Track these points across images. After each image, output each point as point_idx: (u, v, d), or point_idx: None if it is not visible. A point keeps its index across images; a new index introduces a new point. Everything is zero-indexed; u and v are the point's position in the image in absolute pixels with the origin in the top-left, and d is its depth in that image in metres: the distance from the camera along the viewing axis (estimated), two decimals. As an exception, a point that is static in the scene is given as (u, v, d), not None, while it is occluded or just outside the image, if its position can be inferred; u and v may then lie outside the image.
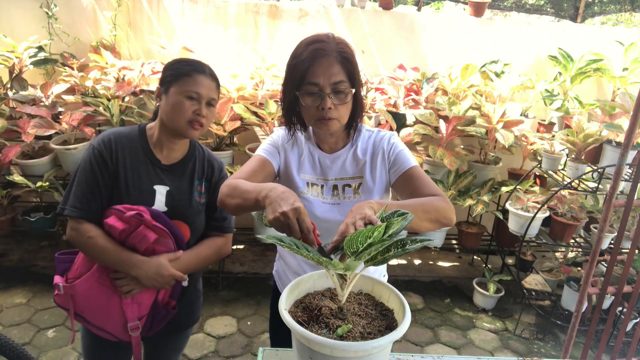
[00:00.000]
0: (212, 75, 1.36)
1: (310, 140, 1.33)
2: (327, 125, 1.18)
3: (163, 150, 1.38)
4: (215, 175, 1.45)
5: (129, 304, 1.30)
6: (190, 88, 1.29)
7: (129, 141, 1.34)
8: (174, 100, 1.29)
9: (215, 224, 1.47)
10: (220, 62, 3.27)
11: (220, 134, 2.74)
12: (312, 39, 1.17)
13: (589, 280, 1.85)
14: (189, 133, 1.32)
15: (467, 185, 3.08)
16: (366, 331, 0.88)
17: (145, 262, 1.27)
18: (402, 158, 1.27)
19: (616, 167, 1.71)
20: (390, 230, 0.88)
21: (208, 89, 1.32)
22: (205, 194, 1.44)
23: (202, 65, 1.34)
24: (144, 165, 1.34)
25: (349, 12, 3.33)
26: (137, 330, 1.33)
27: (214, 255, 1.46)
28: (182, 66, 1.32)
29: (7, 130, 2.64)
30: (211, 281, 3.17)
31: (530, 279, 2.98)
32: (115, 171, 1.30)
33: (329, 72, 1.13)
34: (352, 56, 1.18)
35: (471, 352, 2.71)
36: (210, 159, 1.47)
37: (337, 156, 1.30)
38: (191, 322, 1.56)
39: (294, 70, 1.17)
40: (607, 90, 3.60)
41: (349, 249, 0.86)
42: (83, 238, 1.27)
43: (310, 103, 1.16)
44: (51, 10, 3.01)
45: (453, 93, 3.21)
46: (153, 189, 1.34)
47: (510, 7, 4.06)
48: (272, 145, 1.33)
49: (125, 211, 1.26)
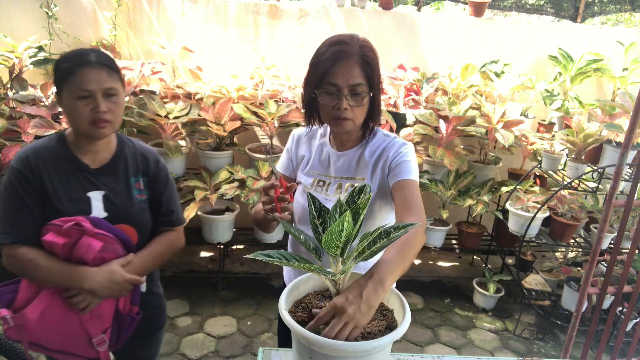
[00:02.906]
0: (101, 63, 1.20)
1: (324, 137, 1.37)
2: (342, 124, 1.20)
3: (87, 154, 1.28)
4: (151, 167, 1.37)
5: (89, 319, 1.23)
6: (78, 87, 1.17)
7: (48, 153, 1.25)
8: (67, 104, 1.19)
9: (163, 219, 1.40)
10: (220, 62, 3.27)
11: (220, 134, 2.74)
12: (336, 39, 1.19)
13: (589, 280, 1.85)
14: (97, 134, 1.22)
15: (467, 185, 3.08)
16: (366, 331, 0.88)
17: (96, 272, 1.19)
18: (404, 168, 1.24)
19: (616, 167, 1.71)
20: (360, 217, 0.88)
21: (98, 80, 1.18)
22: (146, 189, 1.36)
23: (84, 56, 1.19)
24: (71, 174, 1.26)
25: (349, 12, 3.33)
26: (104, 344, 1.26)
27: (168, 250, 1.40)
28: (64, 64, 1.19)
29: (7, 130, 2.64)
30: (211, 281, 3.17)
31: (530, 279, 2.98)
32: (41, 187, 1.21)
33: (348, 74, 1.15)
34: (373, 60, 1.19)
35: (471, 352, 2.70)
36: (143, 152, 1.37)
37: (344, 154, 1.32)
38: (159, 325, 1.52)
39: (315, 68, 1.19)
40: (607, 90, 3.59)
41: (330, 251, 0.86)
42: (22, 263, 1.18)
43: (328, 102, 1.19)
44: (51, 10, 3.01)
45: (453, 93, 3.21)
46: (87, 197, 1.26)
47: (510, 7, 4.05)
48: (287, 156, 1.43)
49: (63, 224, 1.18)
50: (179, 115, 2.74)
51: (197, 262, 3.40)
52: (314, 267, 0.85)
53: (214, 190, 2.75)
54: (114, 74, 1.23)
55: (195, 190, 2.70)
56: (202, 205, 2.75)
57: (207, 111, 2.79)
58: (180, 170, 2.93)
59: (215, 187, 2.78)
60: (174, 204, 1.43)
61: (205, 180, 2.81)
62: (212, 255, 3.49)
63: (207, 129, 2.77)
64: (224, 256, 3.26)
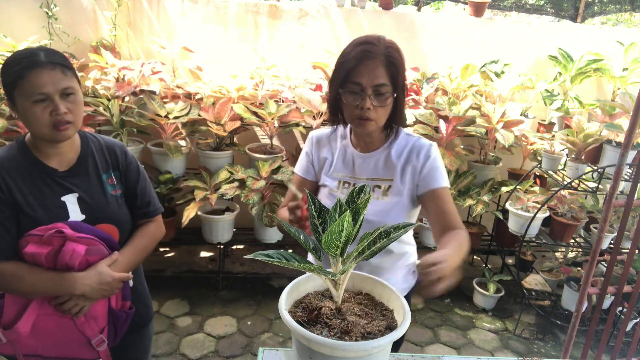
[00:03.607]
0: (53, 62, 1.13)
1: (346, 139, 1.37)
2: (364, 125, 1.20)
3: (52, 158, 1.23)
4: (120, 160, 1.34)
5: (84, 322, 1.22)
6: (31, 91, 1.10)
7: (11, 162, 1.19)
8: (23, 109, 1.13)
9: (140, 211, 1.38)
10: (220, 62, 3.27)
11: (220, 134, 2.74)
12: (363, 40, 1.19)
13: (589, 280, 1.85)
14: (60, 137, 1.16)
15: (467, 185, 3.08)
16: (366, 331, 0.88)
17: (85, 276, 1.18)
18: (435, 175, 1.27)
19: (616, 167, 1.71)
20: (360, 217, 0.89)
21: (53, 81, 1.12)
22: (119, 184, 1.33)
23: (34, 57, 1.12)
24: (40, 181, 1.21)
25: (349, 12, 3.33)
26: (103, 343, 1.26)
27: (151, 242, 1.38)
28: (12, 68, 1.11)
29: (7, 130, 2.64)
30: (211, 281, 3.17)
31: (530, 279, 2.98)
32: (11, 200, 1.16)
33: (373, 73, 1.15)
34: (399, 61, 1.19)
35: (471, 352, 2.71)
36: (110, 146, 1.34)
37: (369, 156, 1.32)
38: (148, 318, 1.52)
39: (341, 68, 1.20)
40: (607, 90, 3.59)
41: (330, 251, 0.86)
42: (4, 279, 1.14)
43: (351, 101, 1.19)
44: (51, 10, 3.01)
45: (453, 93, 3.21)
46: (62, 202, 1.22)
47: (510, 7, 4.06)
48: (306, 159, 1.41)
49: (43, 233, 1.14)
50: (179, 115, 2.74)
51: (197, 262, 3.40)
52: (314, 267, 0.85)
53: (214, 190, 2.75)
54: (68, 71, 1.16)
55: (195, 190, 2.71)
56: (202, 205, 2.75)
57: (207, 111, 2.79)
58: (180, 170, 2.93)
59: (215, 187, 2.78)
60: (149, 195, 1.40)
61: (205, 180, 2.81)
62: (212, 255, 3.49)
63: (207, 129, 2.77)
64: (224, 256, 3.26)
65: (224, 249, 3.20)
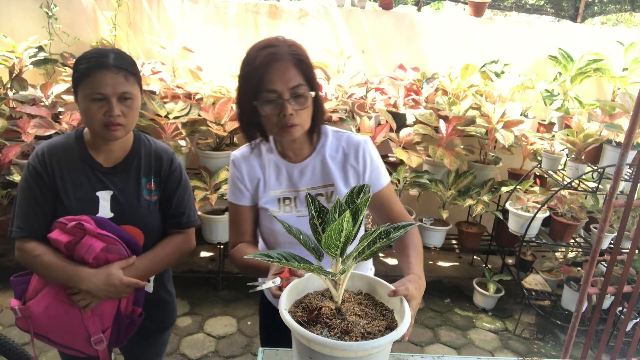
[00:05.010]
0: (119, 66, 1.18)
1: (273, 152, 1.26)
2: (290, 132, 1.12)
3: (102, 153, 1.29)
4: (164, 168, 1.34)
5: (90, 317, 1.24)
6: (93, 90, 1.16)
7: (64, 151, 1.26)
8: (82, 105, 1.20)
9: (172, 220, 1.38)
10: (220, 62, 3.27)
11: (220, 134, 2.74)
12: (263, 44, 1.12)
13: (589, 280, 1.85)
14: (109, 136, 1.22)
15: (467, 185, 3.08)
16: (366, 331, 0.88)
17: (93, 274, 1.20)
18: (378, 175, 1.25)
19: (616, 167, 1.71)
20: (359, 217, 0.92)
21: (114, 84, 1.17)
22: (157, 190, 1.34)
23: (103, 58, 1.17)
24: (83, 173, 1.26)
25: (349, 12, 3.33)
26: (102, 343, 1.27)
27: (174, 254, 1.37)
28: (82, 65, 1.18)
29: (7, 130, 2.64)
30: (211, 281, 3.17)
31: (530, 279, 2.98)
32: (53, 185, 1.24)
33: (285, 76, 1.08)
34: (307, 58, 1.14)
35: (471, 352, 2.71)
36: (158, 151, 1.35)
37: (305, 165, 1.25)
38: (167, 325, 1.53)
39: (249, 78, 1.11)
40: (607, 90, 3.59)
41: (330, 251, 0.86)
42: (30, 257, 1.22)
43: (270, 111, 1.11)
44: (51, 10, 3.01)
45: (453, 93, 3.21)
46: (95, 196, 1.26)
47: (510, 7, 4.06)
48: (238, 183, 1.27)
49: (68, 222, 1.20)
50: (179, 115, 2.75)
51: (197, 262, 3.40)
52: (314, 267, 0.85)
53: (213, 190, 2.75)
54: (131, 77, 1.21)
55: (195, 190, 2.70)
56: (202, 205, 2.75)
57: (207, 111, 2.79)
58: (180, 170, 2.93)
59: (215, 187, 2.79)
60: (186, 206, 1.39)
61: (205, 180, 2.81)
62: (212, 255, 3.49)
63: (207, 129, 2.77)
64: (224, 256, 3.26)
65: (224, 249, 3.20)
